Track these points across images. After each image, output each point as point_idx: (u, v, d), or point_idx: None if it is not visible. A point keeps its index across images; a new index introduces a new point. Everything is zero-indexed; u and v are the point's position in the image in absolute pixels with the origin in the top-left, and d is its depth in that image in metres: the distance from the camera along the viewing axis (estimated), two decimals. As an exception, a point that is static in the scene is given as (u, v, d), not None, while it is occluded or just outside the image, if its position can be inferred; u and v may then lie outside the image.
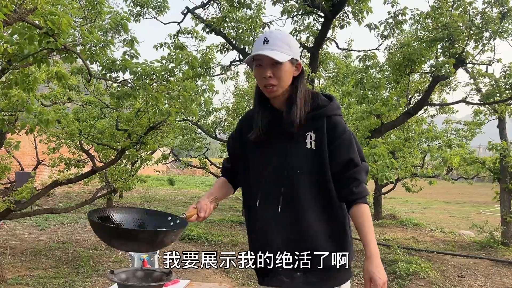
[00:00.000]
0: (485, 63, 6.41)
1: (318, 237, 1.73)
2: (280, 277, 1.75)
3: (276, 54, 1.69)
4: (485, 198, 17.02)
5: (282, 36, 1.76)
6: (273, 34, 1.76)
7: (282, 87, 1.75)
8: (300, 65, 1.80)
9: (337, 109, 1.81)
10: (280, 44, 1.73)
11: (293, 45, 1.77)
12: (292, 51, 1.75)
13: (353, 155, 1.75)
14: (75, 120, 6.41)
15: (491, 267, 6.33)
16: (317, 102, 1.79)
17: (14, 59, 3.57)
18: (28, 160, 12.82)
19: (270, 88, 1.75)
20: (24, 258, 6.21)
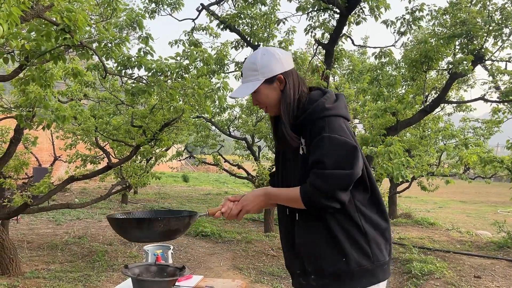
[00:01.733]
0: (505, 60, 6.28)
1: (318, 243, 1.72)
2: (299, 280, 1.81)
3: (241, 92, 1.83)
4: (503, 198, 16.72)
5: (248, 64, 1.82)
6: (244, 65, 1.84)
7: (271, 107, 1.82)
8: (281, 78, 1.77)
9: (321, 111, 1.70)
10: (247, 74, 1.81)
11: (261, 67, 1.77)
12: (262, 73, 1.77)
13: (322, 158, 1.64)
14: (91, 116, 6.48)
15: (509, 268, 6.22)
16: (304, 106, 1.77)
17: (31, 55, 3.62)
18: (45, 156, 13.02)
19: (265, 111, 1.87)
20: (41, 252, 6.31)
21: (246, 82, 1.81)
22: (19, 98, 4.64)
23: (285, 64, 1.79)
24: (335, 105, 1.73)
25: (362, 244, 1.71)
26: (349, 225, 1.71)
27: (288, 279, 5.50)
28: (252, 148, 10.32)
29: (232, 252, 6.70)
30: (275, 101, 1.80)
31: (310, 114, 1.71)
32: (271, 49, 1.82)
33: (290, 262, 1.86)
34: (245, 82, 1.82)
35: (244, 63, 1.86)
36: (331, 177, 1.62)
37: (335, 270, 1.69)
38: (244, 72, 1.83)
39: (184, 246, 6.99)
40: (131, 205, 11.71)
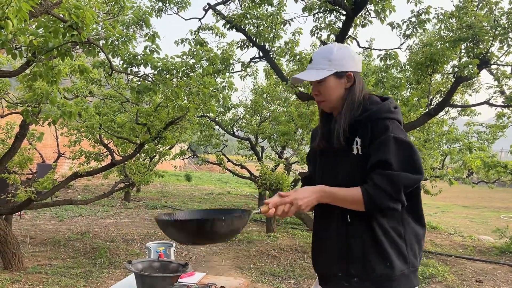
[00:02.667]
0: (510, 65, 6.26)
1: (365, 246, 1.71)
2: (341, 282, 1.77)
3: (309, 75, 1.76)
4: (506, 203, 16.67)
5: (323, 52, 1.78)
6: (317, 52, 1.81)
7: (331, 101, 1.79)
8: (351, 76, 1.77)
9: (386, 112, 1.71)
10: (320, 61, 1.76)
11: (335, 59, 1.75)
12: (335, 65, 1.75)
13: (387, 158, 1.62)
14: (95, 114, 6.50)
15: (510, 273, 6.21)
16: (365, 106, 1.76)
17: (39, 51, 3.64)
18: (49, 152, 13.08)
19: (320, 104, 1.84)
20: (44, 248, 6.34)
21: (316, 69, 1.77)
22: (25, 94, 4.67)
23: (358, 65, 1.80)
24: (397, 110, 1.76)
25: (402, 249, 1.72)
26: (393, 230, 1.72)
27: (289, 279, 5.50)
28: (256, 148, 10.33)
29: (233, 252, 6.71)
30: (337, 97, 1.78)
31: (374, 113, 1.70)
32: (348, 47, 1.85)
33: (329, 264, 1.82)
34: (314, 68, 1.77)
35: (317, 50, 1.82)
36: (399, 178, 1.60)
37: (380, 274, 1.70)
38: (316, 58, 1.79)
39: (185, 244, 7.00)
40: (134, 203, 11.74)
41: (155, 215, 1.87)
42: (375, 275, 1.70)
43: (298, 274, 5.71)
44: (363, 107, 1.75)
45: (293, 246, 7.17)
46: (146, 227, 8.34)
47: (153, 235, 7.50)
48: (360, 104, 1.76)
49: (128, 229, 8.00)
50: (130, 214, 9.96)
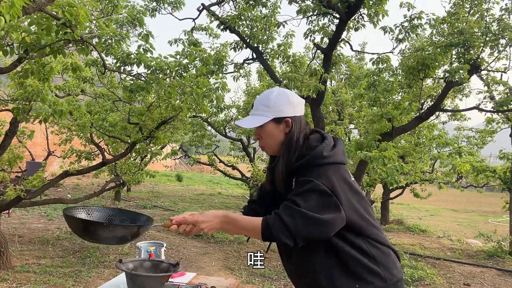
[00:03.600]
0: (500, 71, 6.34)
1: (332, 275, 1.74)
2: None
3: (248, 122, 1.83)
4: (494, 207, 16.85)
5: (262, 99, 1.83)
6: (257, 98, 1.86)
7: (271, 146, 1.84)
8: (289, 121, 1.79)
9: (318, 158, 1.71)
10: (259, 108, 1.82)
11: (273, 105, 1.79)
12: (273, 111, 1.78)
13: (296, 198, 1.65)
14: (87, 112, 6.47)
15: (498, 277, 6.27)
16: (301, 151, 1.77)
17: (31, 48, 3.62)
18: (39, 150, 12.96)
19: (262, 148, 1.89)
20: (32, 246, 6.28)
21: (255, 115, 1.82)
22: (16, 91, 4.63)
23: (296, 109, 1.82)
24: (332, 152, 1.74)
25: (373, 268, 1.74)
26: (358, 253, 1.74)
27: (279, 281, 5.51)
28: (248, 149, 10.35)
29: (224, 253, 6.70)
30: (276, 141, 1.82)
31: (308, 161, 1.72)
32: (288, 92, 1.85)
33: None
34: (254, 115, 1.83)
35: (258, 96, 1.87)
36: (302, 216, 1.61)
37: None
38: (256, 104, 1.85)
39: (176, 245, 6.99)
40: (124, 203, 11.68)
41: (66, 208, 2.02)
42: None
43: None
44: (299, 154, 1.76)
45: (283, 247, 7.18)
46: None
47: (144, 235, 7.47)
48: (296, 150, 1.77)
49: (118, 228, 7.94)
50: (120, 214, 9.89)
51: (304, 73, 5.93)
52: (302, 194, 1.65)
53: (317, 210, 1.61)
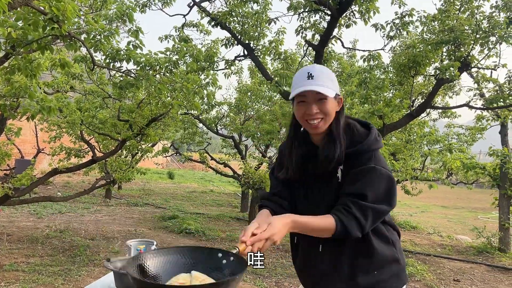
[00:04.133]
0: (490, 68, 6.38)
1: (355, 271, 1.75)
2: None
3: (325, 90, 1.66)
4: (484, 204, 17.01)
5: (326, 71, 1.72)
6: (316, 69, 1.71)
7: (328, 122, 1.72)
8: (342, 100, 1.76)
9: (372, 145, 1.71)
10: (325, 79, 1.69)
11: (335, 80, 1.74)
12: (335, 86, 1.72)
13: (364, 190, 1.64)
14: (76, 109, 6.40)
15: (487, 272, 6.33)
16: (353, 137, 1.74)
17: (18, 44, 3.55)
18: (28, 148, 12.82)
19: (315, 124, 1.71)
20: (21, 245, 6.21)
21: (320, 86, 1.67)
22: (3, 88, 4.55)
23: None
24: (379, 137, 1.77)
25: (393, 253, 1.79)
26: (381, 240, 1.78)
27: (271, 278, 5.51)
28: (239, 146, 10.32)
29: (215, 250, 6.68)
30: (331, 119, 1.73)
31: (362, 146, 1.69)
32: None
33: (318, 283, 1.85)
34: (319, 85, 1.67)
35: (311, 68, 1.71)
36: (373, 211, 1.64)
37: (370, 283, 1.75)
38: (319, 76, 1.69)
39: (167, 243, 6.95)
40: (115, 201, 11.60)
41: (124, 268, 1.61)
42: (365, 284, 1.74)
43: (280, 273, 5.72)
44: (351, 138, 1.73)
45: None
46: (127, 225, 8.25)
47: (134, 233, 7.42)
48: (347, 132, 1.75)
49: (108, 226, 7.90)
50: (111, 212, 9.84)
51: (296, 70, 5.92)
52: (369, 184, 1.64)
53: (385, 198, 1.66)
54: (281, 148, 1.98)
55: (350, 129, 1.76)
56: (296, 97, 1.72)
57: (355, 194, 1.64)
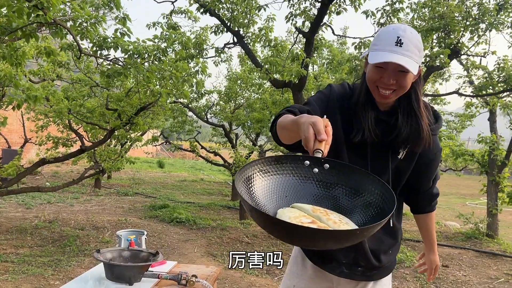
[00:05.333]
0: (480, 55, 6.40)
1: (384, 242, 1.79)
2: (341, 268, 1.80)
3: (410, 64, 1.47)
4: (472, 190, 17.25)
5: (415, 38, 1.52)
6: (407, 35, 1.50)
7: (399, 94, 1.58)
8: (421, 70, 1.60)
9: (438, 130, 1.76)
10: (413, 50, 1.50)
11: (422, 49, 1.56)
12: (421, 56, 1.54)
13: (436, 173, 1.84)
14: (64, 98, 6.30)
15: (475, 258, 6.42)
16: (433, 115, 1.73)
17: (2, 32, 3.47)
18: (15, 137, 12.65)
19: (386, 94, 1.55)
20: (10, 236, 6.15)
21: (410, 57, 1.49)
22: (-12, 76, 4.46)
23: None
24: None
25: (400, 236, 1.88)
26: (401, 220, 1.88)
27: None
28: (230, 135, 10.28)
29: (206, 239, 6.68)
30: (406, 90, 1.58)
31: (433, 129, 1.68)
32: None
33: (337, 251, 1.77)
34: (406, 56, 1.48)
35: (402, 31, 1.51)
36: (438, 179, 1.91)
37: (385, 263, 1.82)
38: (409, 45, 1.49)
39: (158, 232, 6.93)
40: (105, 190, 11.53)
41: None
42: (382, 264, 1.80)
43: (271, 261, 5.74)
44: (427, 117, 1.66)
45: (265, 233, 7.17)
46: (117, 215, 8.21)
47: (124, 223, 7.39)
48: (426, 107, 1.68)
49: (98, 216, 7.85)
50: (101, 202, 9.77)
51: (286, 57, 5.87)
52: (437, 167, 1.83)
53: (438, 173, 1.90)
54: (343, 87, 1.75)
55: (427, 108, 1.68)
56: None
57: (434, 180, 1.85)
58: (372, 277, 1.81)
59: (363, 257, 1.75)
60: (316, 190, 1.29)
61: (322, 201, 1.30)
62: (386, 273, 1.85)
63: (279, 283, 4.80)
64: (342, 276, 1.80)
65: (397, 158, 1.67)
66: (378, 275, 1.82)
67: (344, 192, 1.28)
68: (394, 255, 1.86)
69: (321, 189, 1.29)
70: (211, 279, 2.08)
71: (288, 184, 1.29)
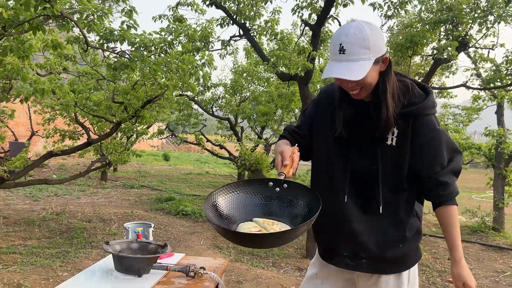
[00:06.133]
0: (488, 48, 6.33)
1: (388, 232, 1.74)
2: (346, 261, 1.81)
3: (353, 72, 1.51)
4: (478, 184, 17.16)
5: (360, 39, 1.51)
6: (349, 38, 1.51)
7: (369, 89, 1.62)
8: (387, 59, 1.60)
9: (430, 108, 1.67)
10: (358, 51, 1.51)
11: (373, 43, 1.52)
12: (373, 51, 1.52)
13: (439, 157, 1.68)
14: (70, 91, 6.31)
15: (482, 251, 6.42)
16: (411, 98, 1.66)
17: (9, 25, 3.47)
18: (22, 130, 12.72)
19: (354, 94, 1.64)
20: (18, 228, 6.21)
21: (352, 61, 1.51)
22: (-4, 69, 4.47)
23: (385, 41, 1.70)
24: (436, 104, 1.74)
25: (419, 227, 1.80)
26: (412, 213, 1.78)
27: (268, 259, 5.55)
28: (235, 128, 10.28)
29: (212, 232, 6.71)
30: (373, 84, 1.61)
31: (419, 109, 1.64)
32: (373, 24, 1.57)
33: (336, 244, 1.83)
34: (351, 61, 1.51)
35: (344, 36, 1.52)
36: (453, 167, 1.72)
37: (392, 256, 1.75)
38: (351, 48, 1.51)
39: (164, 224, 6.97)
40: (111, 183, 11.59)
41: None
42: (388, 257, 1.74)
43: (276, 254, 5.76)
44: (409, 99, 1.66)
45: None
46: (123, 207, 8.26)
47: (131, 215, 7.43)
48: (405, 93, 1.66)
49: (105, 209, 7.90)
50: (107, 194, 9.83)
51: (292, 50, 5.84)
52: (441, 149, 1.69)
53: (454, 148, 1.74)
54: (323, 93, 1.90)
55: (409, 89, 1.68)
56: None
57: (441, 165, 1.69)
58: (381, 270, 1.77)
59: (362, 248, 1.75)
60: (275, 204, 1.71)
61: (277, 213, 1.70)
62: (401, 267, 1.77)
63: (285, 276, 4.82)
64: (349, 268, 1.81)
65: (387, 145, 1.68)
66: (390, 269, 1.77)
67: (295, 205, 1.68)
68: (406, 250, 1.76)
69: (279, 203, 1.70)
70: (219, 271, 2.09)
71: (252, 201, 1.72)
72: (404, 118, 1.66)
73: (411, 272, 1.80)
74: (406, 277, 1.78)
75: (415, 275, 1.83)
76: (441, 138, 1.69)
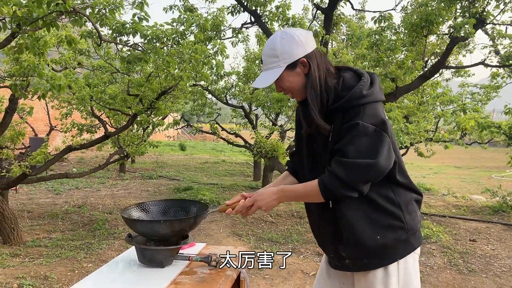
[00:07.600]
0: (506, 24, 6.17)
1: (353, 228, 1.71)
2: (334, 261, 1.89)
3: (264, 80, 1.72)
4: (497, 163, 16.90)
5: (267, 51, 1.72)
6: (264, 51, 1.74)
7: (298, 91, 1.74)
8: (304, 62, 1.68)
9: (357, 99, 1.61)
10: (268, 61, 1.71)
11: (282, 53, 1.67)
12: (283, 59, 1.67)
13: (345, 147, 1.60)
14: (85, 85, 6.37)
15: (503, 231, 6.34)
16: (337, 93, 1.66)
17: (23, 22, 3.51)
18: (40, 126, 12.93)
19: (292, 97, 1.81)
20: (42, 221, 6.36)
21: (267, 70, 1.72)
22: (13, 67, 4.54)
23: (306, 46, 1.68)
24: (371, 90, 1.64)
25: (399, 216, 1.73)
26: (386, 201, 1.71)
27: (287, 245, 5.59)
28: (250, 116, 10.27)
29: (231, 219, 6.77)
30: (300, 86, 1.71)
31: (346, 101, 1.62)
32: (290, 31, 1.70)
33: (323, 246, 1.93)
34: (266, 70, 1.73)
35: (264, 49, 1.73)
36: (354, 166, 1.57)
37: (372, 250, 1.71)
38: (264, 59, 1.73)
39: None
40: (129, 174, 11.75)
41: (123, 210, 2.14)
42: (368, 252, 1.72)
43: (296, 239, 5.79)
44: (336, 95, 1.66)
45: (289, 212, 7.25)
46: (143, 198, 8.38)
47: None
48: (327, 86, 1.68)
49: (125, 200, 8.03)
50: (126, 186, 9.98)
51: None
52: (351, 141, 1.59)
53: (369, 152, 1.57)
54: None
55: (338, 84, 1.69)
56: None
57: (337, 152, 1.62)
58: (366, 267, 1.74)
59: (339, 247, 1.76)
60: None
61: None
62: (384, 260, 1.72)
63: (305, 261, 4.85)
64: (338, 269, 1.88)
65: (328, 141, 1.69)
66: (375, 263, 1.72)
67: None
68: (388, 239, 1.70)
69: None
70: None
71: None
72: (335, 112, 1.65)
73: (401, 264, 1.73)
74: (394, 270, 1.72)
75: (408, 269, 1.74)
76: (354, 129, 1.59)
